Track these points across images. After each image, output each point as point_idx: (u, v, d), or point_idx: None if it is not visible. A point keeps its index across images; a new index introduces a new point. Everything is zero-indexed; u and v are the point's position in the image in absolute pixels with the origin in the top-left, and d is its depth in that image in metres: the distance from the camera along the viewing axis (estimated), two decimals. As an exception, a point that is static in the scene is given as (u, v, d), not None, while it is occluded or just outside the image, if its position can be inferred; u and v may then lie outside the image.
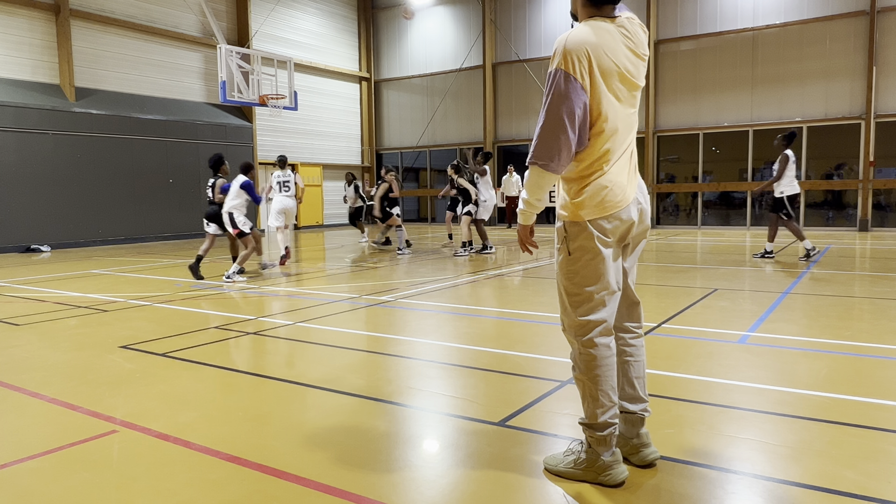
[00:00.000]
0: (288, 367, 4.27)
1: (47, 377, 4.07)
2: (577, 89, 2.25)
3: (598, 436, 2.45)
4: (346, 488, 2.46)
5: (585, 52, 2.26)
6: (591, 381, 2.44)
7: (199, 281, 8.53)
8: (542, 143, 2.30)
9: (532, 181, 2.37)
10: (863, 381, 3.68)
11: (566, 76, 2.25)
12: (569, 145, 2.28)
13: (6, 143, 13.60)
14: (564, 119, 2.26)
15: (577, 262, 2.41)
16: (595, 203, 2.36)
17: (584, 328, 2.44)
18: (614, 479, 2.44)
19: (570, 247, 2.41)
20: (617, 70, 2.33)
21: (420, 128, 22.72)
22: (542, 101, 2.33)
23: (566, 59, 2.26)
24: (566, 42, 2.28)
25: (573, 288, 2.44)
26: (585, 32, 2.31)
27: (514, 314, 5.90)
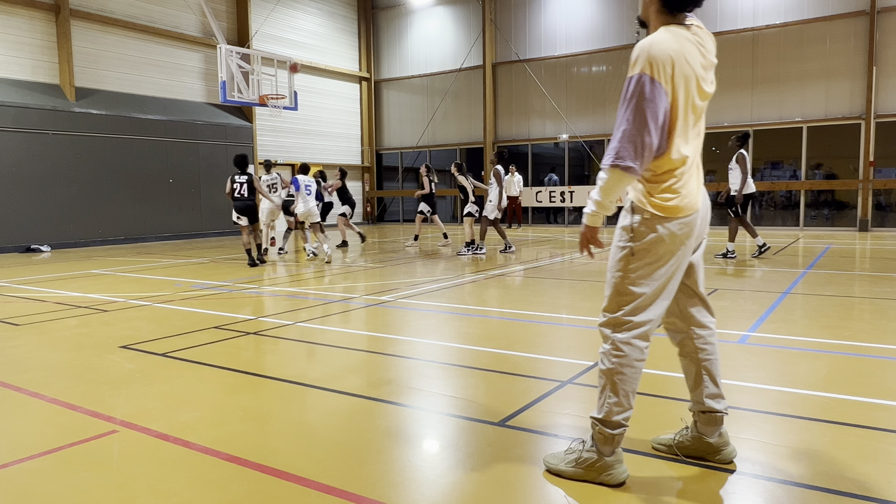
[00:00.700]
0: (288, 367, 4.26)
1: (47, 377, 4.07)
2: (662, 94, 2.29)
3: (607, 433, 2.45)
4: (346, 488, 2.46)
5: (669, 58, 2.29)
6: (617, 379, 2.44)
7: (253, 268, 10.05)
8: (626, 145, 2.30)
9: (609, 183, 2.35)
10: (863, 381, 3.68)
11: (651, 80, 2.27)
12: (651, 148, 2.31)
13: (6, 143, 13.60)
14: (649, 122, 2.28)
15: (638, 262, 2.41)
16: (669, 206, 2.39)
17: (624, 326, 2.45)
18: (616, 478, 2.44)
19: (635, 246, 2.41)
20: (694, 77, 2.37)
21: (420, 128, 22.72)
22: (622, 105, 2.34)
23: (651, 64, 2.28)
24: (650, 48, 2.30)
25: (626, 286, 2.44)
26: (668, 39, 2.33)
27: (514, 314, 5.90)
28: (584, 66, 19.38)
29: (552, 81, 19.88)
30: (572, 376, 3.86)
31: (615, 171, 2.32)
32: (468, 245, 11.40)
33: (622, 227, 2.48)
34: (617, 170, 2.31)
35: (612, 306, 2.48)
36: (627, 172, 2.30)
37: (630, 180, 2.35)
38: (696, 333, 2.62)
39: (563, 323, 5.60)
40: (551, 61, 19.84)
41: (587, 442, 2.53)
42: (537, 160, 20.75)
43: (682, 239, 2.42)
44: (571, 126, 19.54)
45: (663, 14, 2.42)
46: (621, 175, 2.32)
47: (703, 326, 2.63)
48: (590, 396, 3.53)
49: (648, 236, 2.40)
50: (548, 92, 19.89)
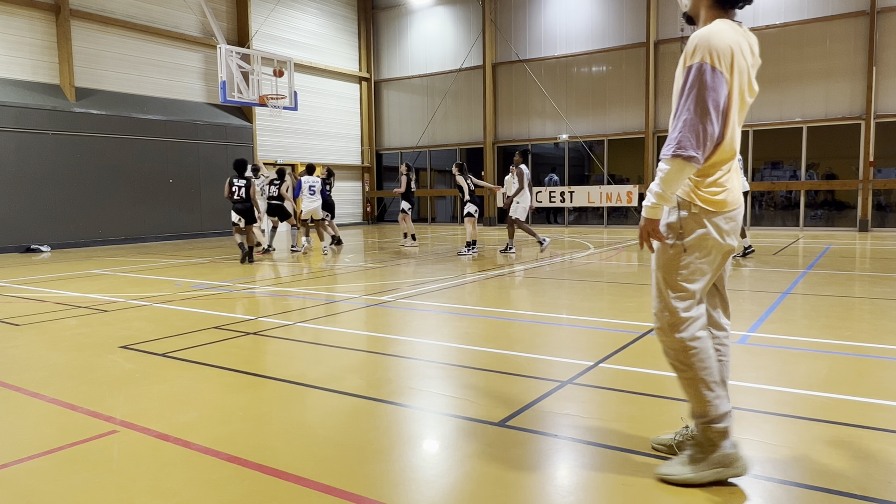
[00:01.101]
0: (288, 367, 4.26)
1: (47, 377, 4.07)
2: (722, 82, 2.28)
3: (718, 428, 2.42)
4: (346, 488, 2.46)
5: (728, 48, 2.29)
6: (702, 375, 2.41)
7: None
8: (688, 135, 2.27)
9: (671, 174, 2.30)
10: (863, 381, 3.68)
11: (712, 68, 2.26)
12: (713, 137, 2.29)
13: (6, 143, 13.60)
14: (711, 110, 2.26)
15: (689, 258, 2.40)
16: (718, 201, 2.37)
17: (685, 324, 2.42)
18: (742, 469, 2.43)
19: (686, 242, 2.39)
20: (747, 71, 2.38)
21: (420, 128, 22.72)
22: (682, 95, 2.32)
23: (711, 52, 2.27)
24: (710, 37, 2.29)
25: (678, 285, 2.42)
26: (726, 29, 2.33)
27: (514, 314, 5.90)
28: (584, 66, 19.38)
29: (552, 81, 19.88)
30: (572, 376, 3.86)
31: (677, 161, 2.29)
32: (469, 245, 11.39)
33: (668, 225, 2.44)
34: (679, 160, 2.28)
35: (667, 306, 2.45)
36: (690, 162, 2.28)
37: (692, 170, 2.31)
38: (713, 334, 2.60)
39: (563, 323, 5.60)
40: (551, 61, 19.84)
41: (701, 442, 2.47)
42: (537, 160, 20.75)
43: (727, 233, 2.41)
44: (571, 126, 19.54)
45: (715, 9, 2.43)
46: (683, 165, 2.29)
47: (721, 328, 2.63)
48: (589, 396, 3.53)
49: (697, 231, 2.38)
50: (548, 92, 19.88)
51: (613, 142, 19.17)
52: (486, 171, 21.10)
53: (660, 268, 2.48)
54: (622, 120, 18.82)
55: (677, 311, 2.43)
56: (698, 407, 2.45)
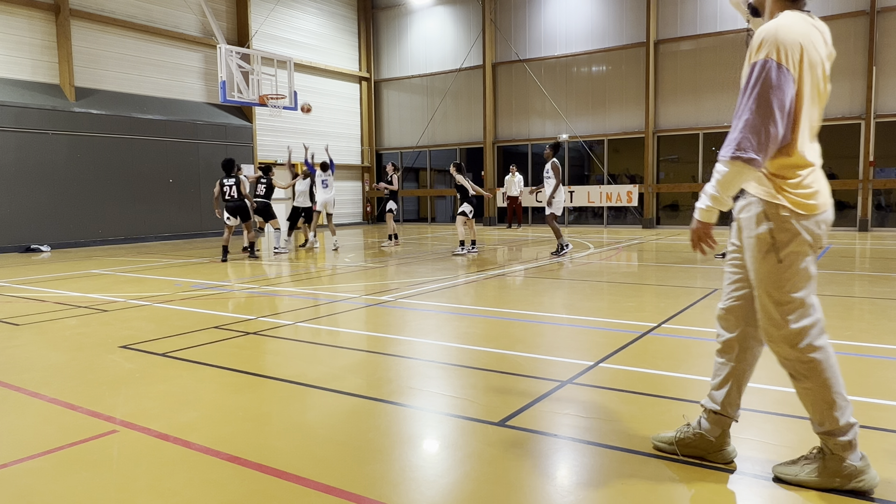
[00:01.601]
0: (288, 367, 4.26)
1: (47, 377, 4.07)
2: (789, 80, 2.16)
3: (842, 441, 2.30)
4: (346, 488, 2.46)
5: (797, 42, 2.17)
6: (822, 387, 2.29)
7: None
8: (748, 136, 2.16)
9: (729, 177, 2.20)
10: (863, 381, 3.68)
11: (778, 65, 2.15)
12: (776, 139, 2.17)
13: (6, 143, 13.60)
14: (775, 110, 2.14)
15: (788, 269, 2.28)
16: (808, 204, 2.25)
17: (800, 335, 2.29)
18: (869, 483, 2.30)
19: (781, 253, 2.27)
20: (821, 64, 2.26)
21: (420, 128, 22.73)
22: (744, 93, 2.21)
23: (778, 48, 2.16)
24: (777, 31, 2.17)
25: (784, 297, 2.29)
26: (796, 22, 2.21)
27: (514, 314, 5.90)
28: (584, 66, 19.38)
29: (552, 81, 19.88)
30: (572, 376, 3.86)
31: (736, 163, 2.18)
32: (463, 244, 11.34)
33: (757, 237, 2.30)
34: (738, 162, 2.17)
35: (776, 321, 2.32)
36: (750, 165, 2.16)
37: (751, 174, 2.19)
38: (752, 343, 2.51)
39: (563, 323, 5.60)
40: (551, 61, 19.84)
41: (826, 452, 2.36)
42: (537, 160, 20.75)
43: (820, 237, 2.31)
44: (571, 126, 19.54)
45: (781, 1, 2.31)
46: (742, 168, 2.17)
47: (761, 341, 2.52)
48: (589, 396, 3.53)
49: (791, 239, 2.26)
50: (548, 92, 19.89)
51: (613, 142, 19.17)
52: (486, 171, 21.10)
53: (760, 282, 2.33)
54: (622, 120, 18.82)
55: (788, 324, 2.30)
56: (817, 416, 2.34)
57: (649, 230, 17.60)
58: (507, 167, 19.77)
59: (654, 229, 17.85)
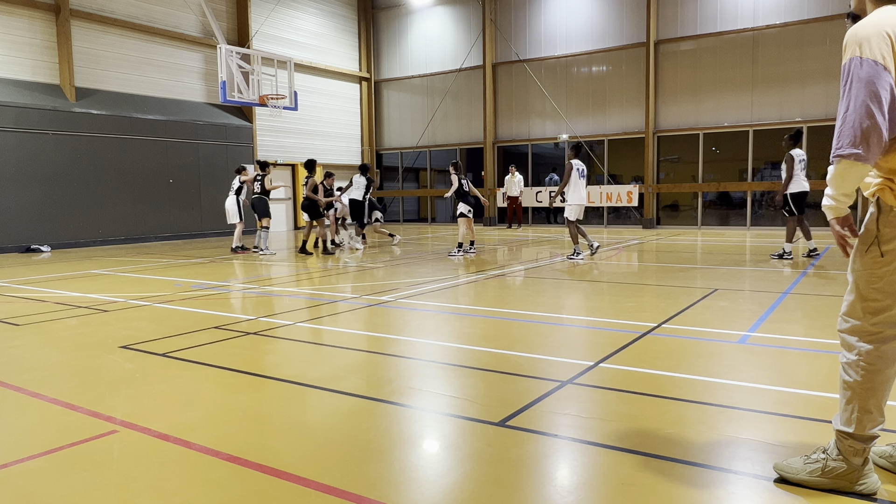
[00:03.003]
0: (288, 367, 4.26)
1: (47, 377, 4.07)
2: (879, 71, 2.12)
3: (857, 447, 2.29)
4: (346, 488, 2.46)
5: (882, 33, 2.13)
6: (866, 391, 2.26)
7: None
8: (847, 132, 2.16)
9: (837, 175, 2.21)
10: (863, 381, 3.67)
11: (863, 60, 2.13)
12: (879, 131, 2.13)
13: (6, 143, 13.60)
14: (870, 103, 2.12)
15: (888, 266, 2.21)
16: None
17: (874, 336, 2.26)
18: (870, 487, 2.30)
19: (884, 248, 2.20)
20: None
21: (420, 128, 22.72)
22: (841, 96, 2.21)
23: (860, 44, 2.14)
24: (857, 29, 2.17)
25: (873, 293, 2.24)
26: (881, 15, 2.18)
27: (514, 314, 5.90)
28: (584, 66, 19.38)
29: (552, 81, 19.88)
30: (572, 376, 3.86)
31: (841, 161, 2.18)
32: (460, 245, 11.31)
33: (867, 227, 2.28)
34: (842, 160, 2.17)
35: (856, 312, 2.28)
36: (856, 160, 2.14)
37: (862, 168, 2.15)
38: None
39: (563, 323, 5.60)
40: (551, 61, 19.84)
41: (831, 451, 2.35)
42: (537, 160, 20.76)
43: None
44: (571, 126, 19.54)
45: (879, 2, 2.27)
46: (849, 164, 2.16)
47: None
48: (589, 396, 3.53)
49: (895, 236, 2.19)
50: (548, 92, 19.88)
51: (613, 142, 19.17)
52: (486, 171, 21.10)
53: (854, 271, 2.30)
54: (622, 120, 18.82)
55: (867, 321, 2.26)
56: (846, 414, 2.32)
57: (649, 230, 17.60)
58: (507, 167, 19.77)
59: (655, 229, 17.85)
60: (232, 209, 12.70)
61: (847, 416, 2.32)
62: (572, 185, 10.12)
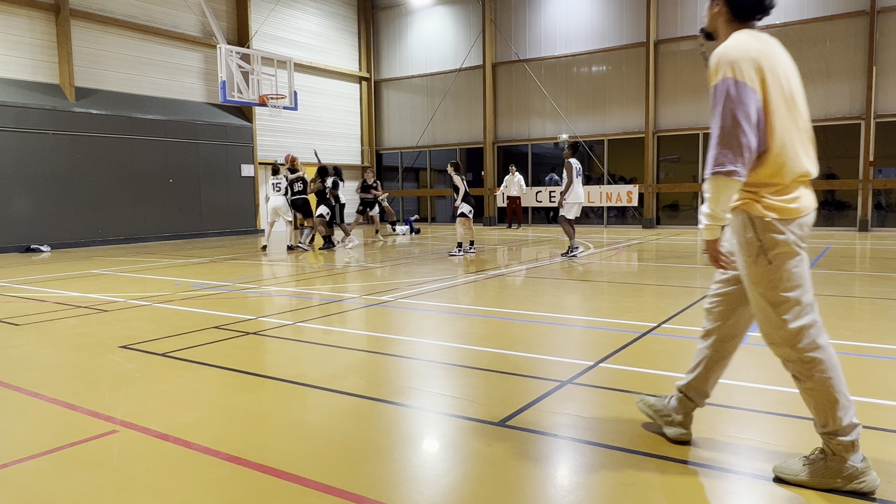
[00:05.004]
0: (288, 367, 4.27)
1: (47, 377, 4.07)
2: (749, 92, 2.27)
3: (845, 441, 2.34)
4: (346, 488, 2.46)
5: (750, 56, 2.29)
6: (825, 387, 2.34)
7: None
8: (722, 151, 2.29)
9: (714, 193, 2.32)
10: (863, 381, 3.68)
11: (735, 81, 2.27)
12: (750, 148, 2.27)
13: (6, 143, 13.60)
14: (741, 122, 2.26)
15: (779, 270, 2.35)
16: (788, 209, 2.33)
17: (799, 335, 2.35)
18: (870, 485, 2.33)
19: (770, 255, 2.34)
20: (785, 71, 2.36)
21: (420, 128, 22.72)
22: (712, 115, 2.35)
23: (731, 66, 2.29)
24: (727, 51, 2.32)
25: (777, 297, 2.36)
26: (745, 39, 2.35)
27: (514, 314, 5.90)
28: (584, 66, 19.38)
29: (552, 81, 19.88)
30: (572, 376, 3.86)
31: (718, 178, 2.29)
32: (460, 245, 11.30)
33: (747, 242, 2.39)
34: (719, 177, 2.29)
35: (776, 322, 2.38)
36: (731, 177, 2.27)
37: (735, 185, 2.29)
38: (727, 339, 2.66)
39: (563, 323, 5.60)
40: (551, 61, 19.84)
41: (828, 452, 2.39)
42: (537, 160, 20.76)
43: (802, 238, 2.37)
44: (571, 126, 19.54)
45: (733, 23, 2.46)
46: (725, 181, 2.28)
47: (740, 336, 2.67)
48: (589, 396, 3.53)
49: (777, 240, 2.33)
50: (548, 92, 19.89)
51: (613, 142, 19.17)
52: (486, 171, 21.10)
53: (755, 285, 2.41)
54: (622, 120, 18.82)
55: (787, 324, 2.36)
56: (820, 417, 2.38)
57: (649, 230, 17.60)
58: (507, 167, 19.77)
59: (655, 229, 17.85)
60: (284, 207, 12.78)
61: (822, 417, 2.38)
62: (573, 184, 10.21)
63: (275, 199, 12.74)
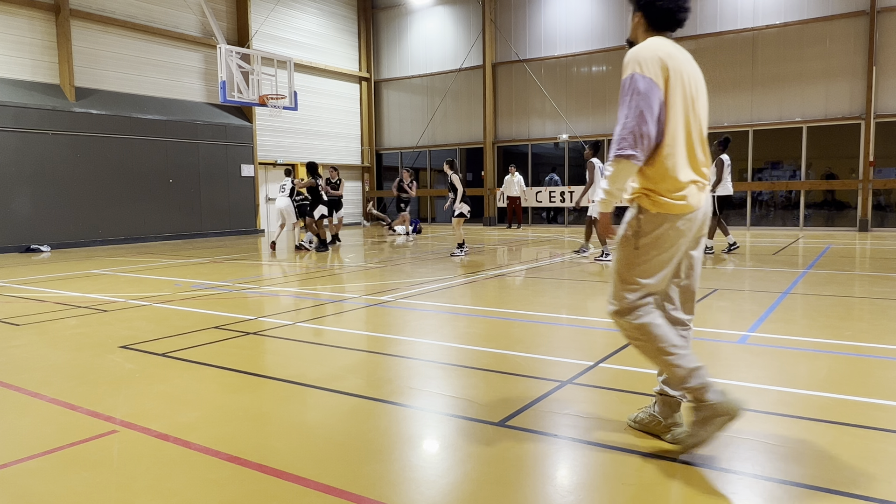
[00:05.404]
0: (288, 367, 4.27)
1: (47, 377, 4.07)
2: (653, 86, 2.52)
3: (694, 388, 2.59)
4: (346, 488, 2.46)
5: (657, 56, 2.55)
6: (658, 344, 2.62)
7: None
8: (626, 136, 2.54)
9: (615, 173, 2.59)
10: (863, 381, 3.68)
11: (641, 76, 2.53)
12: (650, 137, 2.52)
13: (6, 143, 13.60)
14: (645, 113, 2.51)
15: (642, 257, 2.62)
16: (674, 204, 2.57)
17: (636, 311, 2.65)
18: (735, 408, 2.57)
19: (640, 241, 2.62)
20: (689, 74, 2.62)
21: (420, 128, 22.72)
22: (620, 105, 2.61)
23: (639, 63, 2.55)
24: (637, 51, 2.58)
25: (633, 278, 2.64)
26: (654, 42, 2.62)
27: (514, 314, 5.90)
28: (584, 66, 19.38)
29: (552, 81, 19.88)
30: (572, 376, 3.86)
31: (620, 160, 2.54)
32: (461, 246, 11.29)
33: (628, 223, 2.68)
34: (621, 160, 2.53)
35: (619, 295, 2.67)
36: (631, 160, 2.52)
37: (633, 167, 2.54)
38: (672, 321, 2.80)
39: (563, 323, 5.60)
40: (551, 61, 19.84)
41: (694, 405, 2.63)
42: (537, 160, 20.75)
43: (682, 233, 2.60)
44: (571, 126, 19.54)
45: (650, 32, 2.73)
46: (626, 164, 2.53)
47: (680, 323, 2.82)
48: (589, 396, 3.53)
49: (653, 232, 2.59)
50: (548, 92, 19.88)
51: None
52: (486, 171, 21.10)
53: (618, 259, 2.70)
54: (622, 120, 18.80)
55: (626, 300, 2.65)
56: (668, 371, 2.65)
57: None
58: (507, 167, 19.77)
59: (654, 229, 17.83)
60: (289, 209, 13.01)
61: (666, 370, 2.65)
62: (596, 183, 10.13)
63: (280, 201, 13.01)
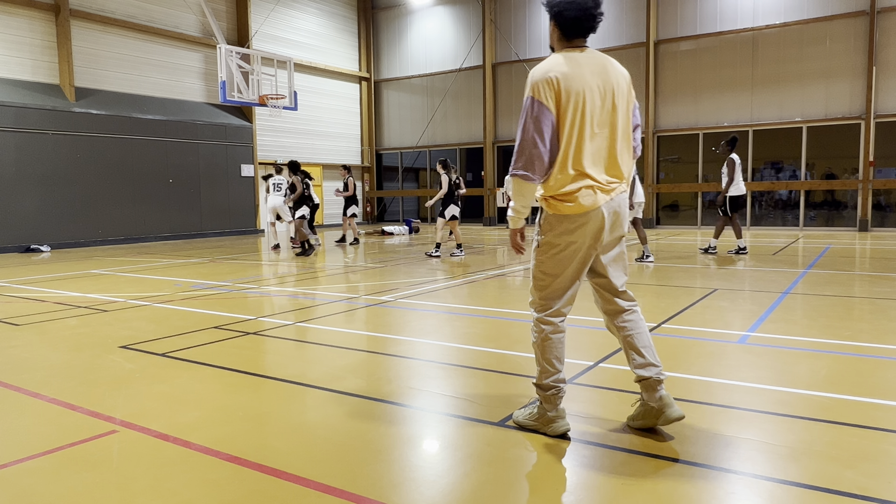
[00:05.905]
0: (288, 367, 4.26)
1: (47, 377, 4.07)
2: (544, 111, 2.67)
3: (543, 395, 2.90)
4: (346, 488, 2.46)
5: (552, 78, 2.67)
6: (543, 349, 2.91)
7: None
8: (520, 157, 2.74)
9: (514, 190, 2.81)
10: (863, 381, 3.68)
11: (534, 100, 2.68)
12: (542, 158, 2.70)
13: (6, 143, 13.60)
14: (535, 136, 2.69)
15: (543, 254, 2.87)
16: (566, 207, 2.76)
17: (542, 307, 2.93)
18: (556, 430, 2.87)
19: (541, 240, 2.87)
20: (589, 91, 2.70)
21: (420, 128, 22.72)
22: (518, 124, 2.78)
23: (534, 87, 2.69)
24: (534, 73, 2.72)
25: (537, 273, 2.92)
26: (553, 61, 2.73)
27: (514, 314, 5.90)
28: (584, 66, 19.36)
29: (552, 81, 19.86)
30: (572, 376, 3.86)
31: (514, 179, 2.76)
32: (460, 246, 11.31)
33: (537, 226, 2.93)
34: (516, 178, 2.74)
35: (532, 290, 2.97)
36: (524, 180, 2.72)
37: (531, 186, 2.75)
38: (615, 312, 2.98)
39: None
40: (551, 61, 19.83)
41: (536, 402, 3.00)
42: (537, 160, 20.74)
43: (579, 235, 2.77)
44: (571, 126, 19.53)
45: (563, 40, 2.83)
46: (521, 182, 2.74)
47: (621, 311, 2.96)
48: (589, 396, 3.53)
49: (550, 232, 2.82)
50: (548, 92, 19.87)
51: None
52: (486, 171, 21.10)
53: (532, 258, 2.95)
54: (622, 120, 18.80)
55: (535, 296, 2.94)
56: (539, 366, 2.92)
57: (649, 230, 17.60)
58: (507, 167, 19.76)
59: (654, 229, 17.84)
60: (283, 207, 12.95)
61: (538, 369, 2.94)
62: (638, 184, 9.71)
63: (273, 199, 13.00)
